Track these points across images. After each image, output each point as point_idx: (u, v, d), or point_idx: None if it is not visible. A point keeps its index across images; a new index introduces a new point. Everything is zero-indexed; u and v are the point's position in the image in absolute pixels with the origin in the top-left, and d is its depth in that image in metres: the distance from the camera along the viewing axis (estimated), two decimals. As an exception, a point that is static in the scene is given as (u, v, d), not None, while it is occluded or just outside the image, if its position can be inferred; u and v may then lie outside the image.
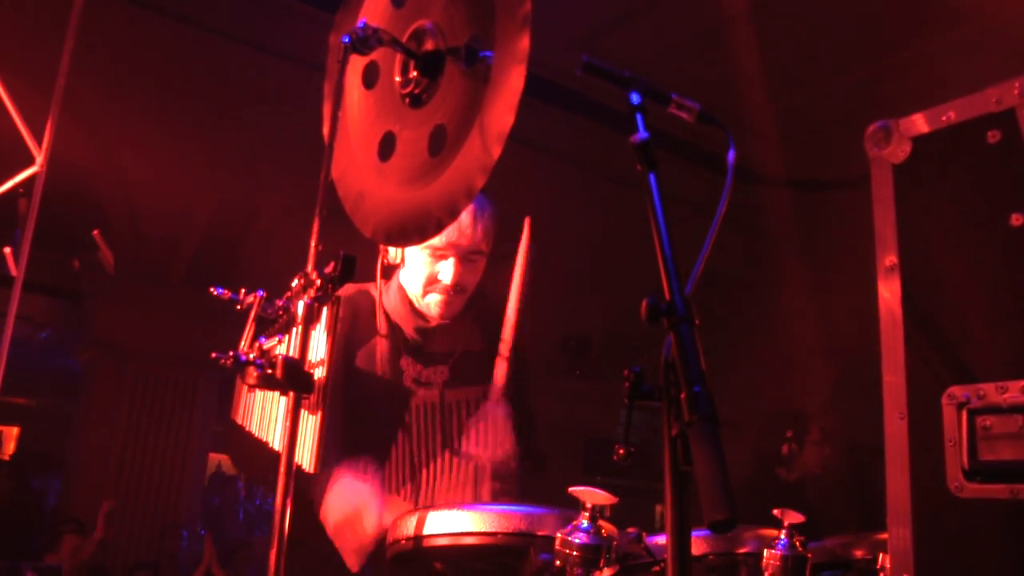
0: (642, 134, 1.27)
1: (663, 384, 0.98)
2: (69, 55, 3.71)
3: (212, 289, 1.66)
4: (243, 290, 1.70)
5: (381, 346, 2.11)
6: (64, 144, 3.85)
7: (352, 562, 1.87)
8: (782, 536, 1.55)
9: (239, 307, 1.68)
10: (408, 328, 2.14)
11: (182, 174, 6.19)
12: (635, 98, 1.37)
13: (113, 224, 6.84)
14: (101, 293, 6.83)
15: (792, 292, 5.87)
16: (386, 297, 2.18)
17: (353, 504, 1.87)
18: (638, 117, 1.32)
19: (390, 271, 2.22)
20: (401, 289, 2.17)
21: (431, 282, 2.09)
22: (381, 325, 2.14)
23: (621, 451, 1.01)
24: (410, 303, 2.15)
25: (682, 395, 0.93)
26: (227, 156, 6.17)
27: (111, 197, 6.69)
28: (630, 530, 1.50)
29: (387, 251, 2.15)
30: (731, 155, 1.41)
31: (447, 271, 2.07)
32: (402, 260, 2.14)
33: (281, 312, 1.65)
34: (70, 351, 7.57)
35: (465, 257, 2.08)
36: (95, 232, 7.26)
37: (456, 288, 2.09)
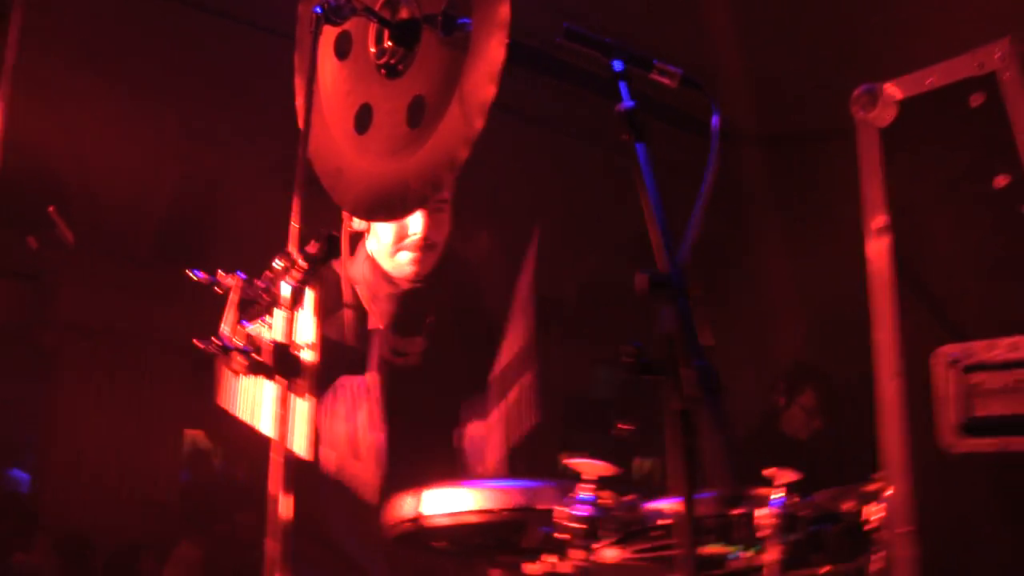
0: (627, 102, 1.26)
1: (663, 358, 0.98)
2: (18, 28, 3.57)
3: (190, 273, 1.63)
4: (220, 272, 1.66)
5: (348, 317, 2.11)
6: (16, 121, 3.72)
7: (369, 493, 1.88)
8: (775, 495, 1.57)
9: (218, 290, 1.64)
10: (381, 296, 2.13)
11: (142, 144, 6.04)
12: (618, 65, 1.35)
13: (73, 201, 6.67)
14: (63, 273, 6.69)
15: (765, 247, 5.91)
16: (352, 267, 2.16)
17: (346, 428, 1.89)
18: (622, 85, 1.31)
19: (355, 240, 2.20)
20: (369, 257, 2.15)
21: (401, 238, 2.08)
22: (346, 295, 2.13)
23: (622, 427, 1.01)
24: (380, 270, 2.13)
25: (685, 370, 0.93)
26: (187, 123, 6.03)
27: (68, 172, 6.51)
28: (627, 497, 1.52)
29: (351, 219, 2.12)
30: (715, 120, 1.40)
31: (416, 223, 2.06)
32: (368, 225, 2.13)
33: (263, 293, 1.63)
34: (33, 335, 7.41)
35: (432, 208, 2.07)
36: (51, 208, 7.07)
37: (427, 243, 2.08)
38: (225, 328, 1.57)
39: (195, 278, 1.63)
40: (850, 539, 1.81)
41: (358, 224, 2.11)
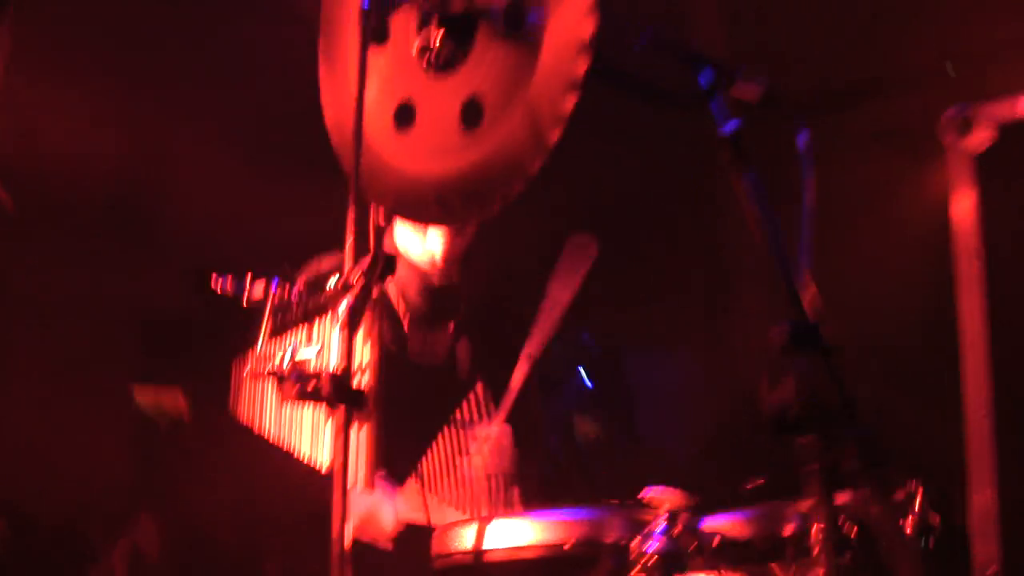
0: (730, 124, 1.18)
1: (806, 415, 0.92)
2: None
3: (214, 284, 1.49)
4: (249, 276, 1.53)
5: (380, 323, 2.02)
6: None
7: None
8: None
9: (246, 303, 1.51)
10: (412, 291, 2.04)
11: (87, 111, 5.67)
12: (705, 80, 1.26)
13: (11, 169, 6.24)
14: (5, 245, 6.28)
15: (732, 220, 5.89)
16: None
17: (367, 503, 1.80)
18: (715, 105, 1.22)
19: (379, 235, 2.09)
20: (397, 250, 2.06)
21: None
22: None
23: (753, 481, 0.96)
24: (410, 263, 2.04)
25: (848, 438, 0.87)
26: (135, 89, 5.68)
27: (7, 141, 6.08)
28: (682, 517, 1.47)
29: (378, 215, 2.01)
30: (801, 140, 1.33)
31: None
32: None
33: (294, 303, 1.51)
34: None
35: None
36: (-20, 175, 6.62)
37: (456, 226, 1.99)
38: (259, 344, 1.45)
39: (219, 289, 1.50)
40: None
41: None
